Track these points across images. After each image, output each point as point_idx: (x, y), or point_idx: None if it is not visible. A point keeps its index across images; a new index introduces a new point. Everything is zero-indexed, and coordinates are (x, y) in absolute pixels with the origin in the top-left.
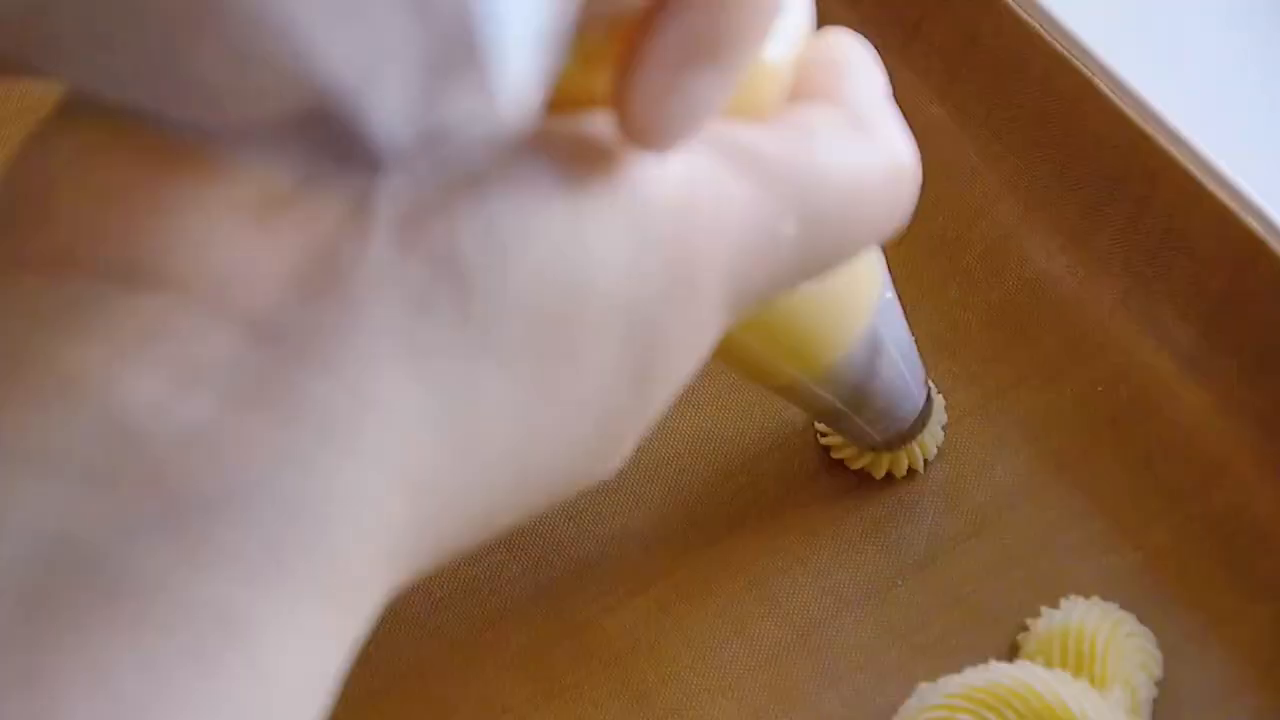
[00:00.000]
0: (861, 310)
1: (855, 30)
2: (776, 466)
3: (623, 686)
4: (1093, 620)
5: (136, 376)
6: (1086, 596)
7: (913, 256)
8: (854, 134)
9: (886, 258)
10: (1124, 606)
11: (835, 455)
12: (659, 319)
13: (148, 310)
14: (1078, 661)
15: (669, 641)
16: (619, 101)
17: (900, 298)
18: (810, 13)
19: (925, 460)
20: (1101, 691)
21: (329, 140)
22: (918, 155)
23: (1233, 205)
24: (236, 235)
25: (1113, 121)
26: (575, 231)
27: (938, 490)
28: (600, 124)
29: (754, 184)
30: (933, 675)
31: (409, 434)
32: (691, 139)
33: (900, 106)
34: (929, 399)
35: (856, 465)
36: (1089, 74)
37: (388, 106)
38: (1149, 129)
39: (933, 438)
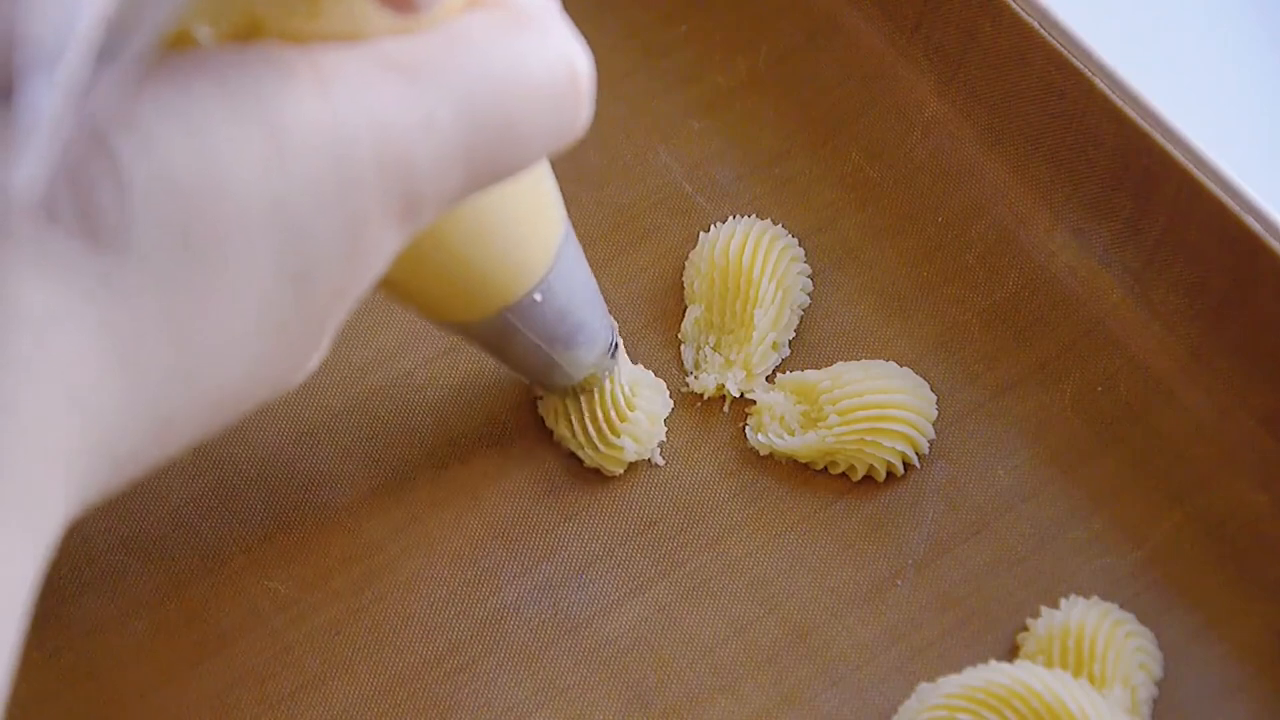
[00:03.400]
0: (543, 250)
1: (856, 30)
2: (775, 466)
3: (623, 686)
4: (1093, 620)
5: None
6: (1086, 596)
7: (913, 256)
8: (515, 30)
9: (888, 254)
10: (1124, 606)
11: (833, 471)
12: (309, 219)
13: None
14: (1078, 661)
15: (669, 641)
16: None
17: (900, 297)
18: None
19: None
20: (1101, 691)
21: None
22: (590, 57)
23: (1232, 204)
24: None
25: (1113, 121)
26: (197, 140)
27: (938, 490)
28: (258, 50)
29: (398, 81)
30: (933, 675)
31: (69, 346)
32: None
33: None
34: (614, 333)
35: (857, 477)
36: (1089, 74)
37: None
38: (1149, 129)
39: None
